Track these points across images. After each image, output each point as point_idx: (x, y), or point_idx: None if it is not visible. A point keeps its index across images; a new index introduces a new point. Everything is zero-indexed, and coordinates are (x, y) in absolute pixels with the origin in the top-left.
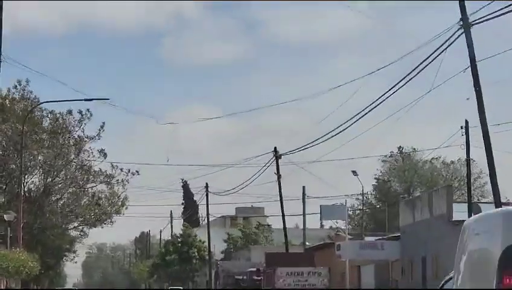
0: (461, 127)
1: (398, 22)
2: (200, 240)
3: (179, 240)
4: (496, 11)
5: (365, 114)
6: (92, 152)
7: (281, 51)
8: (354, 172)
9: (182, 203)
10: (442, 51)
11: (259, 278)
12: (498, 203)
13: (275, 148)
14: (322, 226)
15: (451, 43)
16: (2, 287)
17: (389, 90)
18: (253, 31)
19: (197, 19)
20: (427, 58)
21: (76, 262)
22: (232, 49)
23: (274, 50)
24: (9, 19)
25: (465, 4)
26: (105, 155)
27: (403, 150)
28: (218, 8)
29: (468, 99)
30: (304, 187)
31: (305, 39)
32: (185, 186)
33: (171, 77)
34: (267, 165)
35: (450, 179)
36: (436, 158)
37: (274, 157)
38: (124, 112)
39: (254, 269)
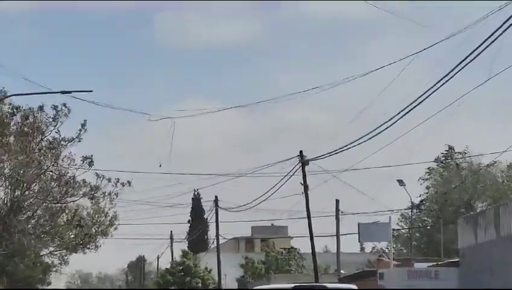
0: None
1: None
2: (206, 268)
3: (179, 268)
4: None
5: (414, 107)
6: (74, 159)
7: (300, 32)
8: (401, 181)
9: (189, 221)
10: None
11: None
12: None
13: (301, 152)
14: (362, 249)
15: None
16: None
17: (443, 77)
18: (266, 9)
19: None
20: (489, 37)
21: None
22: (240, 30)
23: (291, 31)
24: None
25: None
26: (90, 163)
27: (456, 154)
28: None
29: None
30: (337, 201)
31: (330, 16)
32: (196, 199)
33: (166, 64)
34: (291, 173)
35: None
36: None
37: (299, 164)
38: (108, 109)
39: None
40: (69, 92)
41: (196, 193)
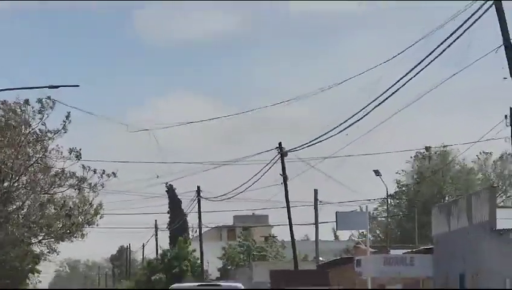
0: (505, 117)
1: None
2: (193, 253)
3: (168, 254)
4: None
5: (385, 99)
6: (61, 151)
7: (281, 27)
8: (377, 171)
9: (168, 212)
10: (468, 28)
11: None
12: None
13: (280, 143)
14: (337, 237)
15: (478, 18)
16: None
17: (411, 71)
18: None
19: None
20: (453, 33)
21: (40, 281)
22: (221, 22)
23: (272, 25)
24: None
25: None
26: (78, 156)
27: (431, 148)
28: None
29: (505, 79)
30: (315, 191)
31: (312, 13)
32: (170, 190)
33: (145, 59)
34: (271, 164)
35: (492, 180)
36: (482, 154)
37: (279, 155)
38: (92, 106)
39: None
40: (56, 87)
41: (168, 184)
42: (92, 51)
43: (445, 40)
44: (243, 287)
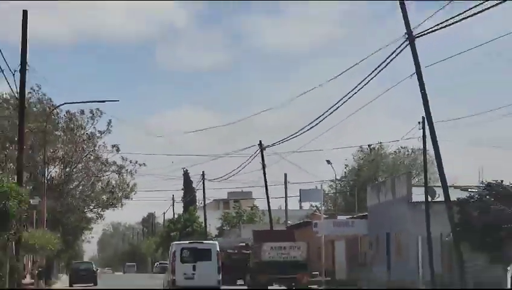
0: (418, 123)
1: (364, 32)
2: (198, 218)
3: (182, 218)
4: (439, 24)
5: (334, 110)
6: (106, 146)
7: (268, 59)
8: (328, 161)
9: (182, 189)
10: (391, 60)
11: (248, 251)
12: (445, 186)
13: (260, 141)
14: (301, 207)
15: (399, 52)
16: (31, 263)
17: (352, 90)
18: (238, 42)
19: (187, 30)
20: (382, 63)
21: (92, 237)
22: (220, 57)
23: (262, 58)
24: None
25: (412, 17)
26: (118, 149)
27: (371, 144)
28: (207, 20)
29: (422, 92)
30: (285, 174)
31: (283, 49)
32: (186, 174)
33: (164, 80)
34: (254, 156)
35: (409, 167)
36: (401, 149)
37: (259, 150)
38: (132, 112)
39: (243, 244)
40: (103, 101)
41: (185, 169)
42: (121, 74)
43: (379, 66)
44: (218, 246)
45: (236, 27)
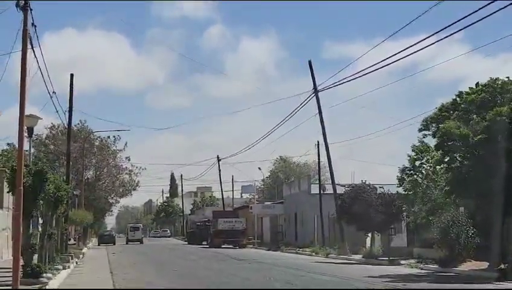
0: (317, 142)
1: (283, 86)
2: (178, 204)
3: (165, 204)
4: (338, 81)
5: (264, 137)
6: (122, 158)
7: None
8: (259, 168)
9: (169, 185)
10: (303, 106)
11: (209, 224)
12: (333, 184)
13: (218, 155)
14: (241, 196)
15: (307, 101)
16: (74, 231)
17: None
18: (197, 91)
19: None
20: (297, 108)
21: (112, 215)
22: (185, 100)
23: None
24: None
25: (317, 77)
26: (129, 159)
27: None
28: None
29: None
30: (232, 176)
31: (227, 96)
32: (172, 176)
33: (152, 115)
34: (213, 164)
35: (309, 172)
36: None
37: (217, 160)
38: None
39: (206, 219)
40: (120, 130)
41: (171, 172)
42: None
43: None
44: (141, 225)
45: (195, 81)
